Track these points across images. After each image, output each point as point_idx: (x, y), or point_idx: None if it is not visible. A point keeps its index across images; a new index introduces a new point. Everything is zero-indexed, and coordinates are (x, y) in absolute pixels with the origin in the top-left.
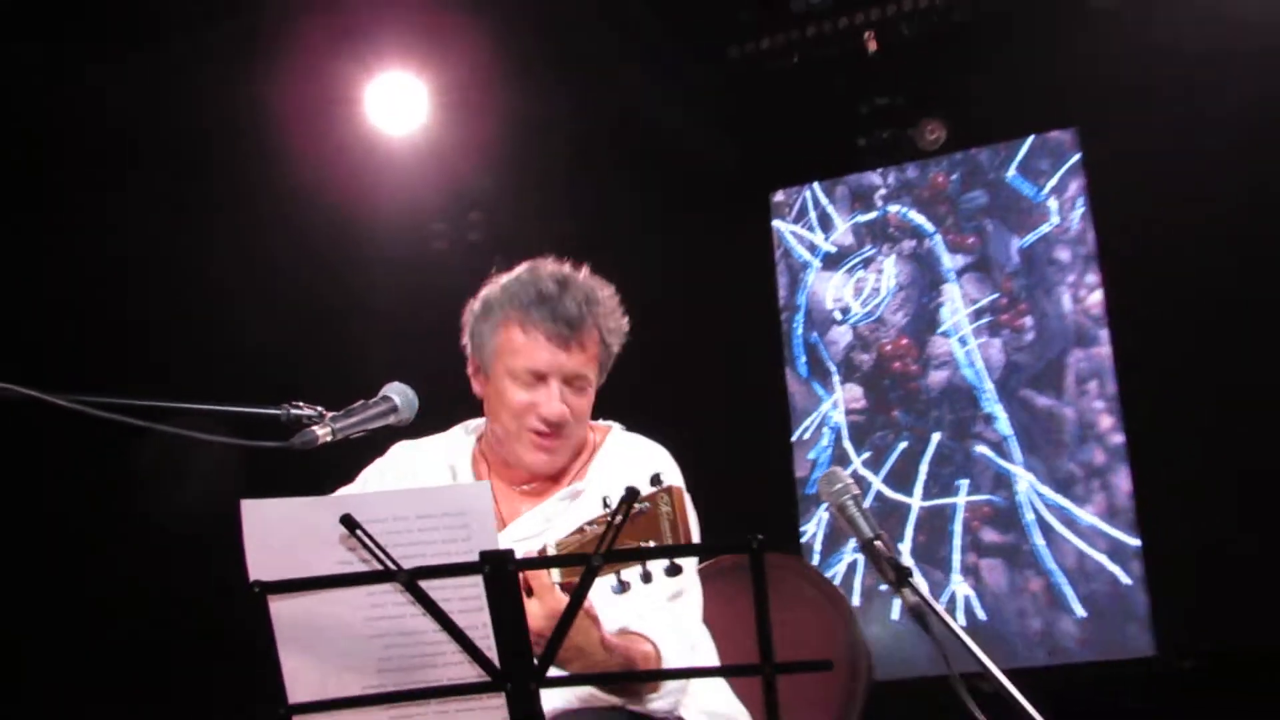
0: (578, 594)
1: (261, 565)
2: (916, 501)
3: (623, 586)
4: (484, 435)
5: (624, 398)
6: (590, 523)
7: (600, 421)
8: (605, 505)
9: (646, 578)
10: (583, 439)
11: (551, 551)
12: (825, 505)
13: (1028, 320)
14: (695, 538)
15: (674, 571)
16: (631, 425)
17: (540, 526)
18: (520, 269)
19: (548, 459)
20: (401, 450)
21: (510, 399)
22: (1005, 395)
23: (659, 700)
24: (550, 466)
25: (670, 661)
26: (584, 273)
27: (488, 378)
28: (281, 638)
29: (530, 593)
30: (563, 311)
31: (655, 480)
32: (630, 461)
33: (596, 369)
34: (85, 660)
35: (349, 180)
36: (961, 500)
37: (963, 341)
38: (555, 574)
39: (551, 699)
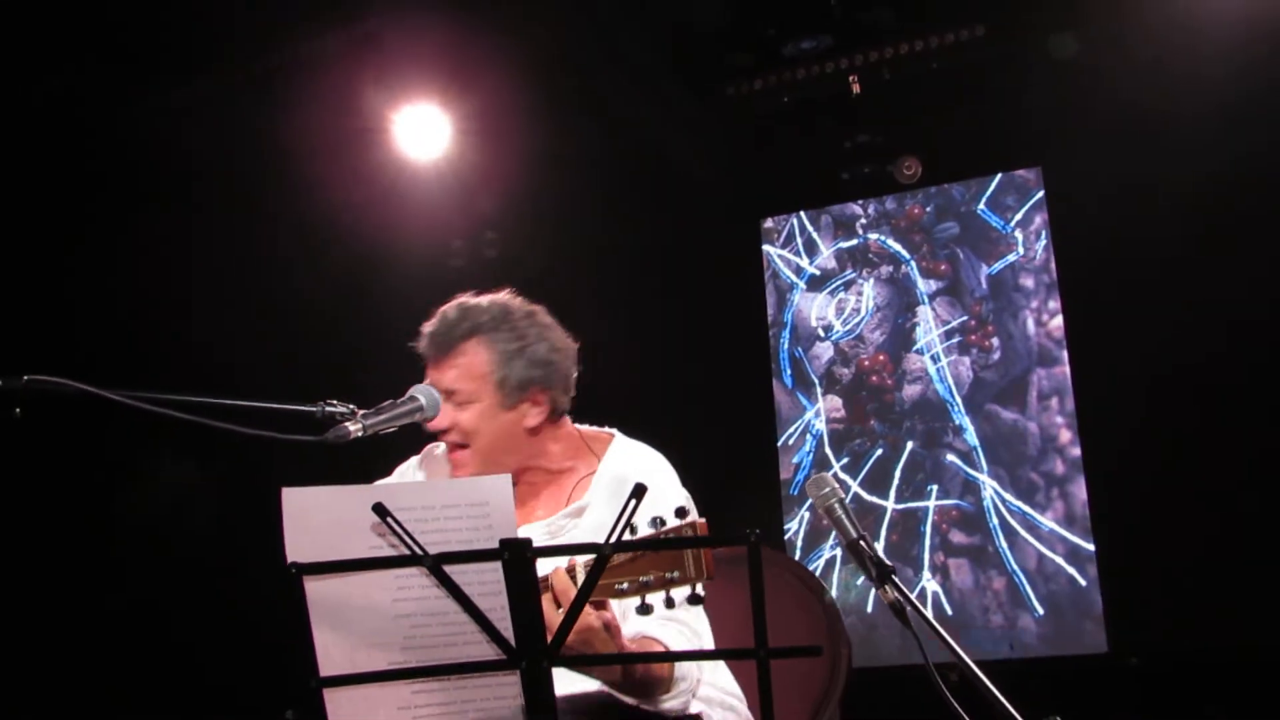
0: (589, 579)
1: (299, 548)
2: (890, 504)
3: (646, 609)
4: None
5: (626, 403)
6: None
7: (602, 430)
8: (633, 530)
9: (669, 603)
10: (503, 457)
11: (580, 572)
12: (810, 504)
13: (994, 341)
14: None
15: (695, 601)
16: (632, 428)
17: (544, 542)
18: None
19: (458, 471)
20: (429, 450)
21: None
22: (973, 409)
23: (671, 700)
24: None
25: (682, 664)
26: (499, 296)
27: None
28: (315, 615)
29: (560, 606)
30: (435, 334)
31: (680, 513)
32: (630, 479)
33: (479, 384)
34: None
35: (377, 202)
36: (932, 504)
37: (935, 359)
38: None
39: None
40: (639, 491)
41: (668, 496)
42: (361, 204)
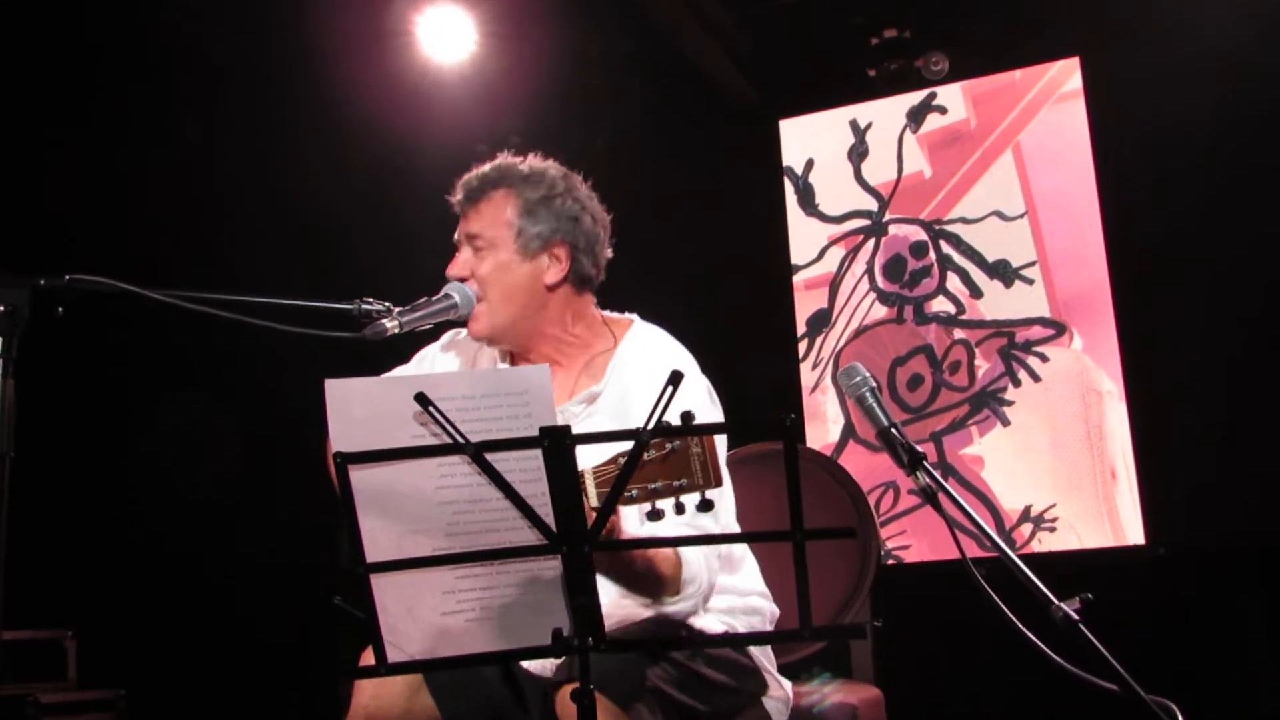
0: (627, 466)
1: (343, 438)
2: None
3: (657, 515)
4: None
5: (644, 306)
6: (624, 454)
7: (621, 315)
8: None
9: (679, 509)
10: (515, 311)
11: (589, 478)
12: (844, 395)
13: None
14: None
15: (705, 507)
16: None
17: None
18: None
19: (474, 324)
20: (448, 337)
21: None
22: None
23: (681, 603)
24: (476, 331)
25: (691, 566)
26: (537, 160)
27: None
28: (361, 503)
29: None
30: (467, 182)
31: (686, 418)
32: (647, 364)
33: (500, 230)
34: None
35: (401, 105)
36: None
37: None
38: (593, 497)
39: None
40: (675, 379)
41: (687, 397)
42: (384, 108)
